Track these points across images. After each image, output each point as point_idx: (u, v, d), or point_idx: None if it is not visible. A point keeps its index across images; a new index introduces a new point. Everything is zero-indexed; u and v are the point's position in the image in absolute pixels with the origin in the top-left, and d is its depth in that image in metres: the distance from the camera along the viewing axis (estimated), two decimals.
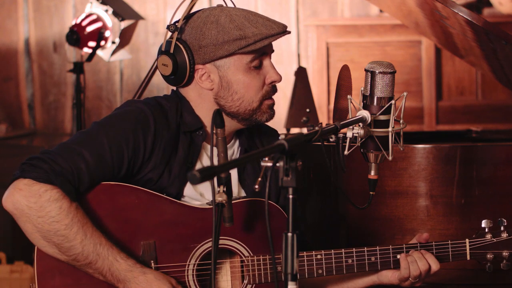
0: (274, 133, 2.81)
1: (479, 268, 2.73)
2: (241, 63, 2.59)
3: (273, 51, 2.65)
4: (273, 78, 2.62)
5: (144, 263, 2.53)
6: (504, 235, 2.65)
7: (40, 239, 2.48)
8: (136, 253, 2.54)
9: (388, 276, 2.67)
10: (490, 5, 6.03)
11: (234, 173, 2.68)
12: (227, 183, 2.40)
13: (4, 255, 5.10)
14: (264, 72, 2.62)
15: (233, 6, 2.68)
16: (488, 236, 2.65)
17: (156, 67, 3.70)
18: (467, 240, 2.65)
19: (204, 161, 2.65)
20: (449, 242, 2.66)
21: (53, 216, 2.45)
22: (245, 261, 2.58)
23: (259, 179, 2.03)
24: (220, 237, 2.54)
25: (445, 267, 3.31)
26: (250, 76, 2.60)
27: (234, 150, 2.71)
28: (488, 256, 2.65)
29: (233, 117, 2.63)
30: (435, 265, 2.63)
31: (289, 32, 2.63)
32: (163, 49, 2.62)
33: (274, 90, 2.65)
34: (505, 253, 2.65)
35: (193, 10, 2.65)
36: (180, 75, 2.61)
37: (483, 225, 2.66)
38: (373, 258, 2.65)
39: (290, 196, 2.03)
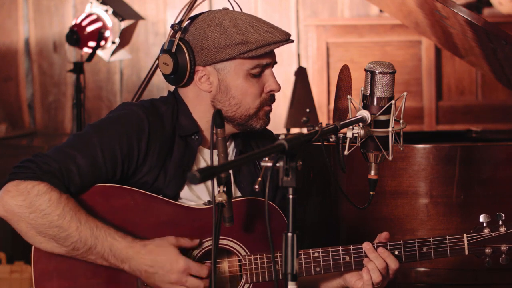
0: (269, 133, 2.81)
1: (478, 268, 2.72)
2: (241, 69, 2.58)
3: (275, 62, 2.64)
4: (272, 87, 2.62)
5: None
6: (502, 229, 2.63)
7: (36, 235, 2.47)
8: None
9: (352, 282, 2.65)
10: (490, 5, 6.03)
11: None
12: (227, 183, 2.40)
13: (4, 255, 5.10)
14: (263, 80, 2.62)
15: (239, 10, 2.67)
16: (486, 230, 2.63)
17: (156, 67, 3.72)
18: (465, 235, 2.64)
19: (201, 164, 2.65)
20: (447, 237, 2.64)
21: (43, 209, 2.45)
22: (243, 260, 2.58)
23: (259, 179, 2.03)
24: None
25: (445, 267, 3.32)
26: (249, 83, 2.60)
27: (229, 152, 2.70)
28: (487, 250, 2.63)
29: (228, 122, 2.62)
30: (393, 264, 2.59)
31: (292, 41, 2.62)
32: (165, 47, 2.62)
33: (272, 99, 2.64)
34: (503, 247, 2.63)
35: (195, 13, 2.65)
36: (180, 75, 2.61)
37: (481, 220, 2.64)
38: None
39: (290, 196, 2.03)
